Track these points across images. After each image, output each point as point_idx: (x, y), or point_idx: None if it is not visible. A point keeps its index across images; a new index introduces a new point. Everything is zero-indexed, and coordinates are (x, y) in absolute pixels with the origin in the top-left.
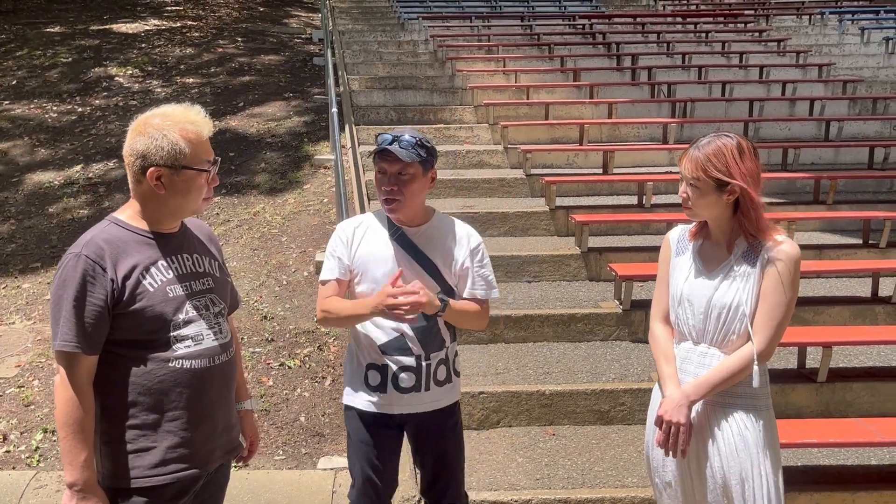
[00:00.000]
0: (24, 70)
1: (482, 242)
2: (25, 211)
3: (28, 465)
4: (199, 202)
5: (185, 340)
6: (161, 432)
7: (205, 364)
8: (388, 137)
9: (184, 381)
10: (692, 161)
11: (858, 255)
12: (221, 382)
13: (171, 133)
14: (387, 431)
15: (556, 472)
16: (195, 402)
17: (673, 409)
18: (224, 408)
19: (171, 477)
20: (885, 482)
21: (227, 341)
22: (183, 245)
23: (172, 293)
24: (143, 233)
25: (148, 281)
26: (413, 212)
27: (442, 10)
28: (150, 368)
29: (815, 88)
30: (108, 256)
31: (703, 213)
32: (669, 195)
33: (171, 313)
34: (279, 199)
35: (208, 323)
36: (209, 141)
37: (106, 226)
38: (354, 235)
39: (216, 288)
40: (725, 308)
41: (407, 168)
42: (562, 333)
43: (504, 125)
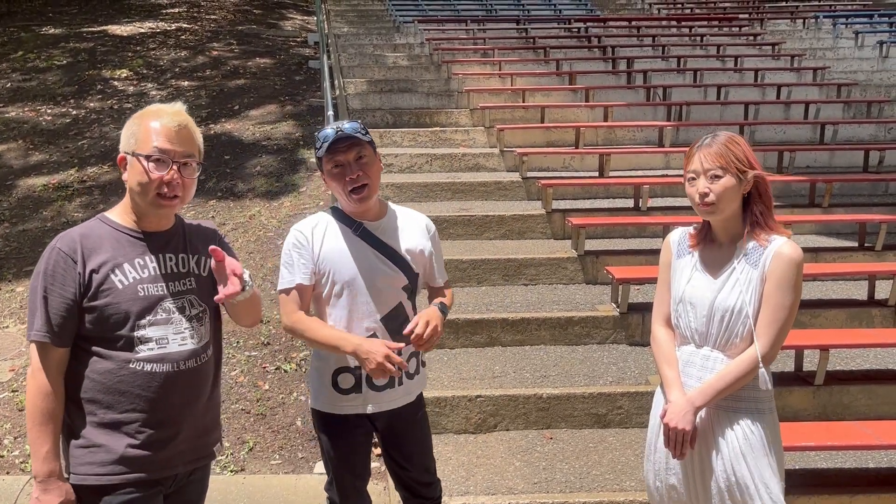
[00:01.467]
0: (19, 73)
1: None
2: (20, 214)
3: (22, 470)
4: (150, 196)
5: (149, 343)
6: (117, 433)
7: (167, 369)
8: (329, 131)
9: (143, 383)
10: (713, 153)
11: (854, 258)
12: (189, 388)
13: (135, 123)
14: (358, 430)
15: (553, 475)
16: (154, 407)
17: (678, 416)
18: (192, 413)
19: (122, 478)
20: (883, 485)
21: (200, 346)
22: (169, 244)
23: (144, 292)
24: (126, 230)
25: (118, 278)
26: (371, 202)
27: (437, 14)
28: (110, 367)
29: (809, 92)
30: (80, 249)
31: (726, 207)
32: (665, 198)
33: (138, 313)
34: (275, 202)
35: (178, 326)
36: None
37: (91, 222)
38: (314, 235)
39: (197, 289)
40: (728, 311)
41: (363, 150)
42: (559, 337)
43: (500, 128)
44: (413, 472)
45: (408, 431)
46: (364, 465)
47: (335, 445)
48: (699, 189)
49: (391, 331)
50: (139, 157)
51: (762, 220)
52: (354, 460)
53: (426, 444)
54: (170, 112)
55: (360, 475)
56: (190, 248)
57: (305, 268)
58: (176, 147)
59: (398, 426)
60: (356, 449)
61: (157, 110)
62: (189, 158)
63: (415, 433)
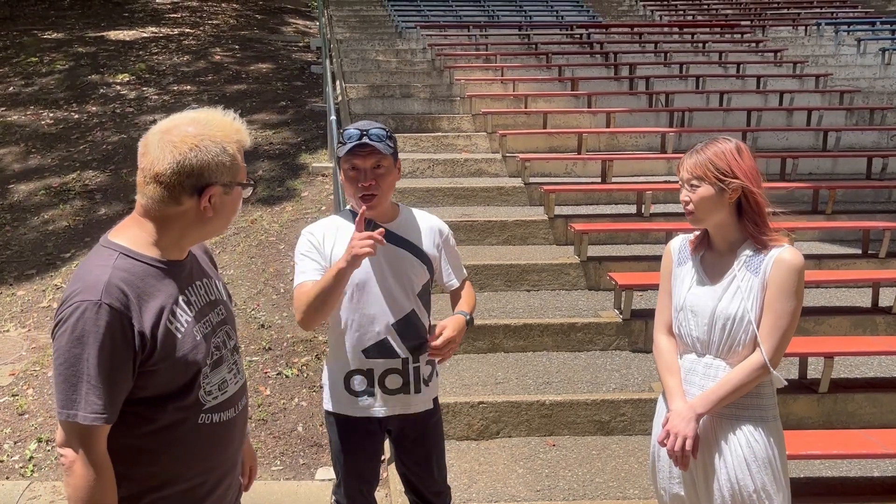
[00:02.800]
0: (20, 77)
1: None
2: (21, 218)
3: (22, 475)
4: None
5: (213, 391)
6: (187, 499)
7: (231, 415)
8: (355, 132)
9: (212, 437)
10: (693, 163)
11: (858, 266)
12: (243, 427)
13: (230, 146)
14: (370, 435)
15: (556, 483)
16: (222, 457)
17: (681, 423)
18: (236, 452)
19: None
20: (889, 494)
21: (245, 380)
22: (193, 271)
23: (199, 334)
24: (158, 263)
25: (175, 325)
26: (384, 207)
27: (439, 19)
28: (179, 428)
29: (812, 99)
30: (132, 303)
31: (708, 218)
32: (668, 204)
33: (201, 360)
34: (276, 206)
35: (229, 365)
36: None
37: (114, 258)
38: (325, 237)
39: (228, 317)
40: (730, 318)
41: (382, 161)
42: (561, 343)
43: (502, 134)
44: (425, 478)
45: (421, 437)
46: (373, 470)
47: (346, 448)
48: (681, 197)
49: (403, 337)
50: (244, 185)
51: (756, 229)
52: (364, 464)
53: (439, 450)
54: (242, 128)
55: (369, 480)
56: (207, 271)
57: (317, 265)
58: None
59: (411, 431)
60: (367, 453)
61: (237, 128)
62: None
63: (428, 439)
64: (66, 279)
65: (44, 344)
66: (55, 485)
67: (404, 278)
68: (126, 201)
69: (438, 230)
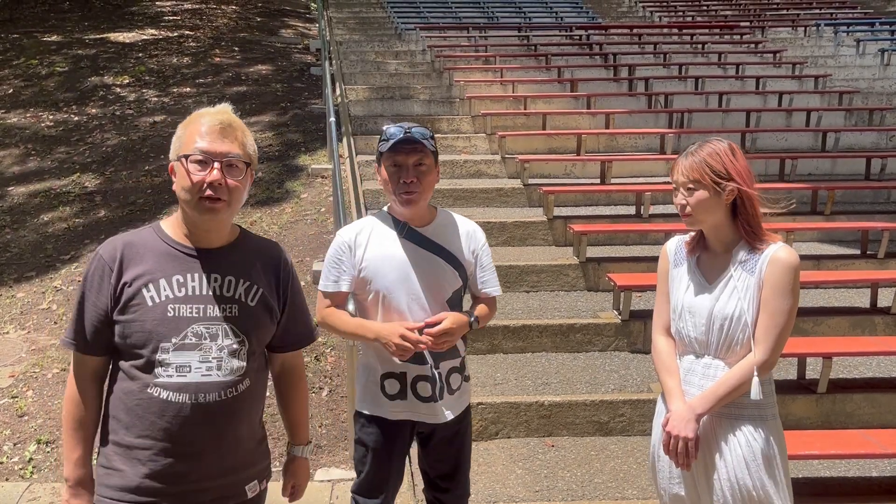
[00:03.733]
0: (21, 79)
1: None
2: (20, 220)
3: (21, 476)
4: (193, 200)
5: (168, 368)
6: (130, 458)
7: (184, 399)
8: (398, 130)
9: (158, 410)
10: (688, 165)
11: (856, 266)
12: (210, 423)
13: (181, 128)
14: (400, 437)
15: (555, 483)
16: (170, 437)
17: (680, 424)
18: (215, 450)
19: None
20: (887, 494)
21: (229, 379)
22: (220, 265)
23: (173, 313)
24: (175, 243)
25: (150, 294)
26: (422, 207)
27: (439, 21)
28: (131, 387)
29: (811, 99)
30: (119, 258)
31: (704, 219)
32: (667, 205)
33: (162, 335)
34: (276, 208)
35: (206, 355)
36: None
37: (142, 229)
38: (357, 240)
39: (239, 318)
40: (727, 318)
41: (424, 158)
42: (560, 344)
43: (501, 135)
44: (448, 484)
45: (448, 444)
46: (399, 472)
47: (375, 449)
48: (677, 201)
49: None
50: (182, 160)
51: (750, 230)
52: (391, 465)
53: (465, 458)
54: (212, 111)
55: (394, 481)
56: (243, 272)
57: (346, 275)
58: (217, 146)
59: (439, 437)
60: (395, 454)
61: (202, 112)
62: (233, 159)
63: (454, 446)
64: (66, 281)
65: (43, 346)
66: (55, 486)
67: (435, 285)
68: (126, 203)
69: (475, 236)
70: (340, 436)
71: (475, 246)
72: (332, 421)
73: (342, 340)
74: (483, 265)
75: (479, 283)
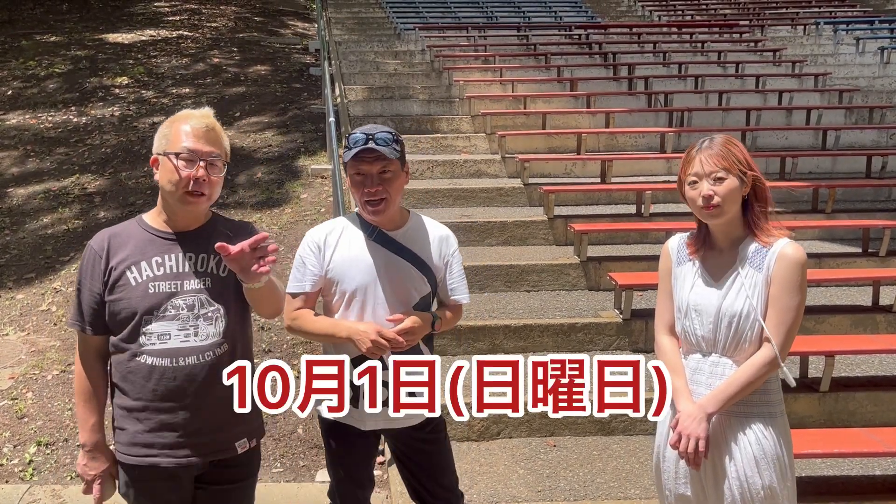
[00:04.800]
0: (20, 80)
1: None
2: (20, 221)
3: (21, 478)
4: (178, 193)
5: (151, 337)
6: (131, 418)
7: (167, 363)
8: (360, 136)
9: (145, 375)
10: (714, 155)
11: (858, 264)
12: (192, 383)
13: (166, 127)
14: (362, 441)
15: (557, 483)
16: (158, 397)
17: (692, 423)
18: (201, 407)
19: (136, 460)
20: (891, 492)
21: (206, 344)
22: (194, 245)
23: (154, 290)
24: (153, 230)
25: (133, 275)
26: (392, 213)
27: (438, 21)
28: (123, 358)
29: (811, 98)
30: (107, 247)
31: (729, 210)
32: (668, 204)
33: (146, 309)
34: (276, 209)
35: (184, 323)
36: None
37: (127, 222)
38: (327, 241)
39: (213, 289)
40: (736, 315)
41: (388, 165)
42: (562, 343)
43: (501, 135)
44: (428, 485)
45: (417, 448)
46: (367, 475)
47: (338, 453)
48: (703, 192)
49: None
50: (170, 156)
51: (760, 222)
52: (356, 469)
53: (440, 459)
54: (198, 115)
55: (363, 485)
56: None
57: (312, 275)
58: (203, 147)
59: (404, 442)
60: (359, 457)
61: (188, 114)
62: (215, 158)
63: (424, 449)
64: (66, 283)
65: (43, 347)
66: (55, 488)
67: (402, 289)
68: (125, 204)
69: (447, 242)
70: None
71: (446, 252)
72: None
73: None
74: (453, 272)
75: (449, 290)
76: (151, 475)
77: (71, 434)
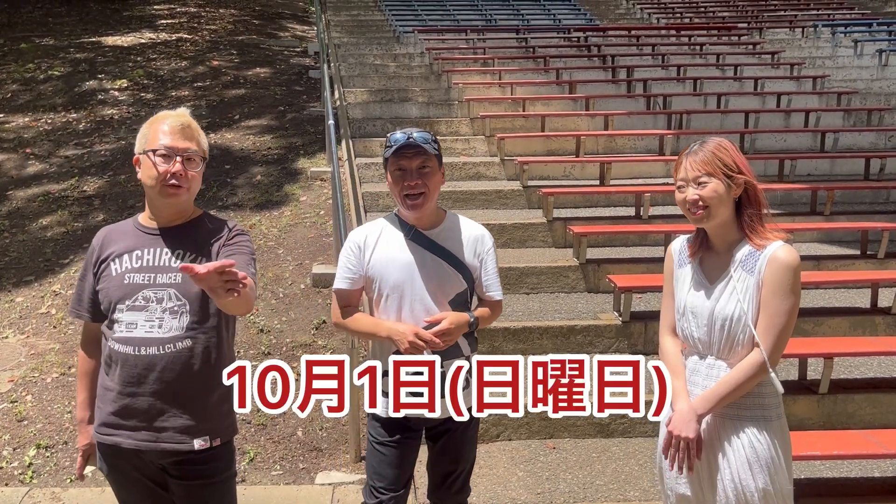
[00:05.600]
0: (18, 83)
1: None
2: (19, 224)
3: (21, 481)
4: (158, 187)
5: (121, 325)
6: (105, 398)
7: (130, 351)
8: (401, 136)
9: (116, 360)
10: (699, 159)
11: (857, 266)
12: (152, 371)
13: (145, 127)
14: (406, 435)
15: (557, 486)
16: (124, 382)
17: (682, 424)
18: (162, 396)
19: (102, 438)
20: (890, 494)
21: (169, 336)
22: (174, 240)
23: (129, 280)
24: (140, 226)
25: (114, 267)
26: (429, 210)
27: (437, 24)
28: (103, 342)
29: (809, 100)
30: (101, 242)
31: (717, 215)
32: (667, 206)
33: (119, 298)
34: (275, 211)
35: (151, 315)
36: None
37: (126, 220)
38: (367, 242)
39: (182, 284)
40: (728, 319)
41: (427, 161)
42: (561, 346)
43: (500, 137)
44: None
45: (452, 440)
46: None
47: (379, 449)
48: (688, 197)
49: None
50: (148, 153)
51: (755, 225)
52: (395, 467)
53: (466, 456)
54: (174, 114)
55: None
56: (192, 245)
57: (354, 273)
58: (179, 143)
59: (445, 434)
60: (398, 456)
61: (164, 114)
62: (192, 154)
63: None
64: (65, 285)
65: (42, 350)
66: (54, 491)
67: (439, 287)
68: (124, 207)
69: (482, 241)
70: (341, 439)
71: (481, 250)
72: (332, 424)
73: (340, 343)
74: (488, 269)
75: (484, 287)
76: (115, 453)
77: (70, 437)
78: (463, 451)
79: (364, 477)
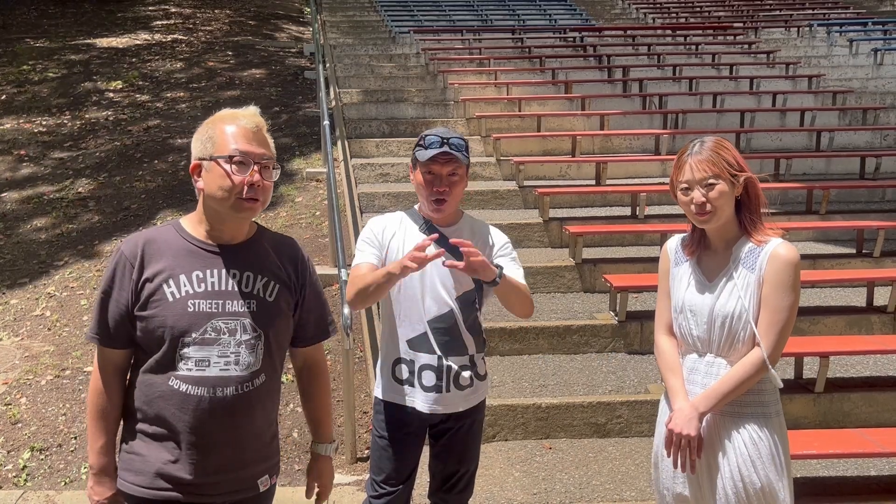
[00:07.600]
0: (13, 85)
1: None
2: (13, 226)
3: (15, 484)
4: (231, 200)
5: (188, 362)
6: (154, 446)
7: (203, 393)
8: (436, 139)
9: (178, 403)
10: (705, 160)
11: (852, 265)
12: (227, 417)
13: (210, 128)
14: (409, 431)
15: (553, 486)
16: (189, 429)
17: (683, 421)
18: (231, 443)
19: (152, 493)
20: (886, 493)
21: (247, 374)
22: (239, 261)
23: (194, 308)
24: (195, 240)
25: (170, 290)
26: (450, 211)
27: (433, 24)
28: (153, 379)
29: (805, 99)
30: (140, 255)
31: (723, 214)
32: (663, 206)
33: (183, 330)
34: (271, 212)
35: (224, 349)
36: (262, 140)
37: (162, 227)
38: (387, 229)
39: (258, 314)
40: (728, 316)
41: (458, 169)
42: (557, 346)
43: (496, 137)
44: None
45: (455, 438)
46: (410, 466)
47: (388, 437)
48: (695, 200)
49: (438, 335)
50: (218, 160)
51: (755, 222)
52: (402, 458)
53: (470, 455)
54: (246, 115)
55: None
56: (262, 267)
57: (377, 250)
58: (255, 149)
59: (448, 430)
60: (406, 446)
61: (232, 114)
62: (268, 161)
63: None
64: (60, 287)
65: (37, 353)
66: (48, 494)
67: (448, 280)
68: (120, 209)
69: (493, 241)
70: (338, 440)
71: (489, 255)
72: None
73: (337, 344)
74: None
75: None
76: None
77: (65, 440)
78: (468, 450)
79: (361, 478)
